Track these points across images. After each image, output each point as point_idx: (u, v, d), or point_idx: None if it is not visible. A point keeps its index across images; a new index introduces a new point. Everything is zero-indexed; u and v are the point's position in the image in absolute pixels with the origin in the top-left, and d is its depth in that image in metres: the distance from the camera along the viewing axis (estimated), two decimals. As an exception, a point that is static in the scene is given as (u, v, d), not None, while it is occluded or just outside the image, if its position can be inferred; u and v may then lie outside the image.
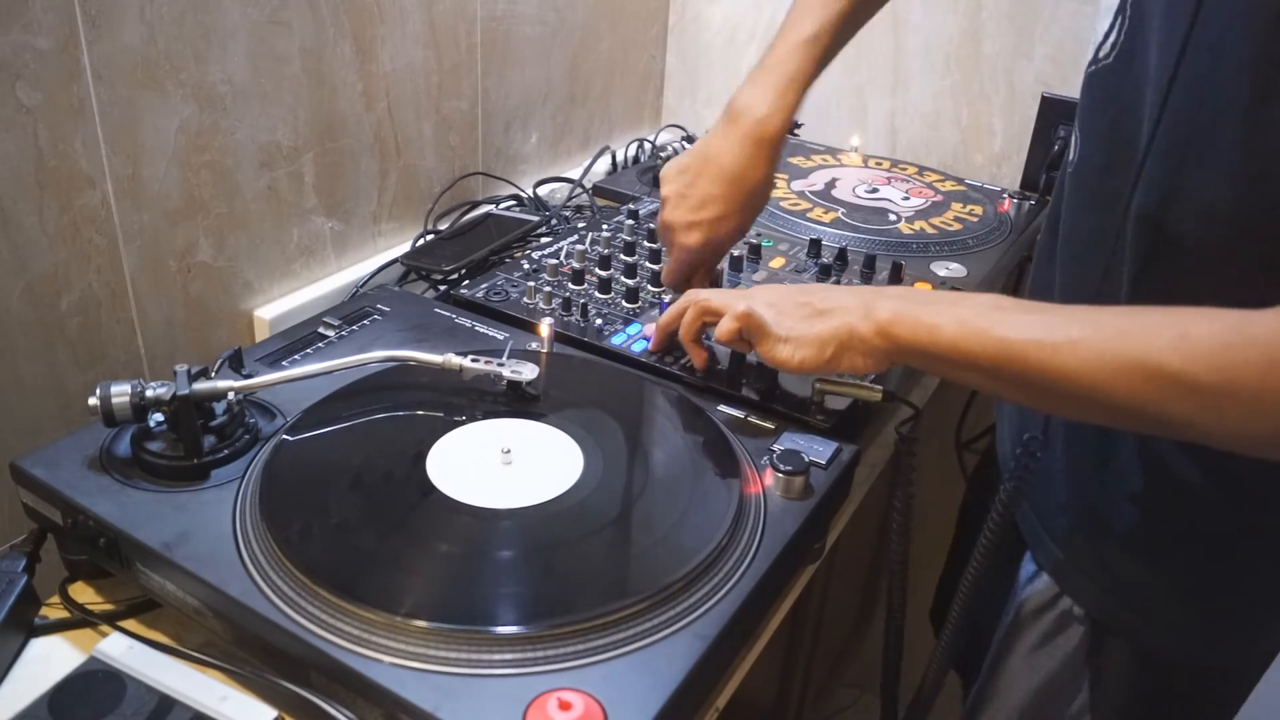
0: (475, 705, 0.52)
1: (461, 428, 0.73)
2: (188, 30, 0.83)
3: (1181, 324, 0.53)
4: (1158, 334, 0.53)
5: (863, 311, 0.68)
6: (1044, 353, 0.57)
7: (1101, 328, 0.56)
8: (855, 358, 0.69)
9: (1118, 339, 0.54)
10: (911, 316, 0.65)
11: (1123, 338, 0.54)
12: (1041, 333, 0.58)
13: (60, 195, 0.78)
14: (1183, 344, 0.52)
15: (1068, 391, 0.57)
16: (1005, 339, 0.59)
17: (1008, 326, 0.59)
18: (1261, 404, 0.49)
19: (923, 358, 0.65)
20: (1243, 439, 0.52)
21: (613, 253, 1.04)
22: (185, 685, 0.60)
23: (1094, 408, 0.57)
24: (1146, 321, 0.54)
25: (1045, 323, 0.58)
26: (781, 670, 1.09)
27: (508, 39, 1.22)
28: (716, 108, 1.61)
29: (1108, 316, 0.57)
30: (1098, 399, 0.55)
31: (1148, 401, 0.53)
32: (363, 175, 1.06)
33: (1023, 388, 0.60)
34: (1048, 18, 1.32)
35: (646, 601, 0.58)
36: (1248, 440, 0.52)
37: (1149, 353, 0.53)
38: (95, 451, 0.69)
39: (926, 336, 0.64)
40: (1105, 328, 0.55)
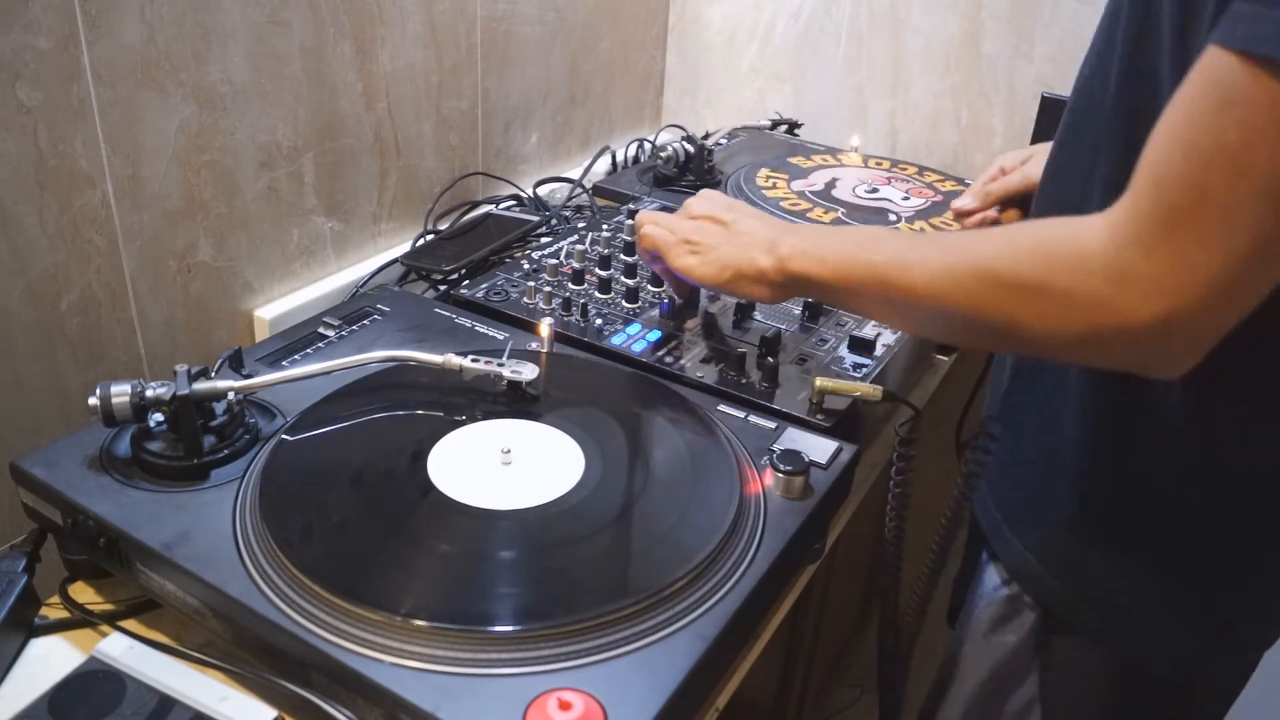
0: (475, 705, 0.52)
1: (461, 428, 0.73)
2: (188, 30, 0.83)
3: (1011, 230, 0.59)
4: (990, 240, 0.58)
5: (767, 245, 0.72)
6: (899, 271, 0.63)
7: (949, 243, 0.61)
8: (752, 287, 0.74)
9: (959, 249, 0.60)
10: (806, 252, 0.70)
11: (963, 248, 0.59)
12: (901, 253, 0.63)
13: (60, 195, 0.78)
14: (1007, 246, 0.57)
15: (921, 305, 0.62)
16: (872, 261, 0.65)
17: (877, 250, 0.65)
18: (1071, 301, 0.53)
19: (814, 289, 0.71)
20: (1058, 341, 0.55)
21: (613, 253, 1.04)
22: (185, 685, 0.60)
23: (945, 320, 0.62)
24: (985, 233, 0.60)
25: (909, 244, 0.64)
26: (781, 670, 1.09)
27: (508, 39, 1.22)
28: (716, 108, 1.63)
29: (960, 236, 0.62)
30: (944, 309, 0.60)
31: (982, 304, 0.58)
32: (363, 175, 1.06)
33: (889, 306, 0.65)
34: (1048, 18, 1.32)
35: (646, 601, 0.58)
36: (1063, 343, 0.55)
37: (979, 257, 0.58)
38: (95, 451, 0.69)
39: (816, 268, 0.69)
40: (952, 242, 0.61)
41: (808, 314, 0.94)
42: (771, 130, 1.51)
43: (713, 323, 0.92)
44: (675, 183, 1.27)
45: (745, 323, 0.92)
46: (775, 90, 1.57)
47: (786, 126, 1.52)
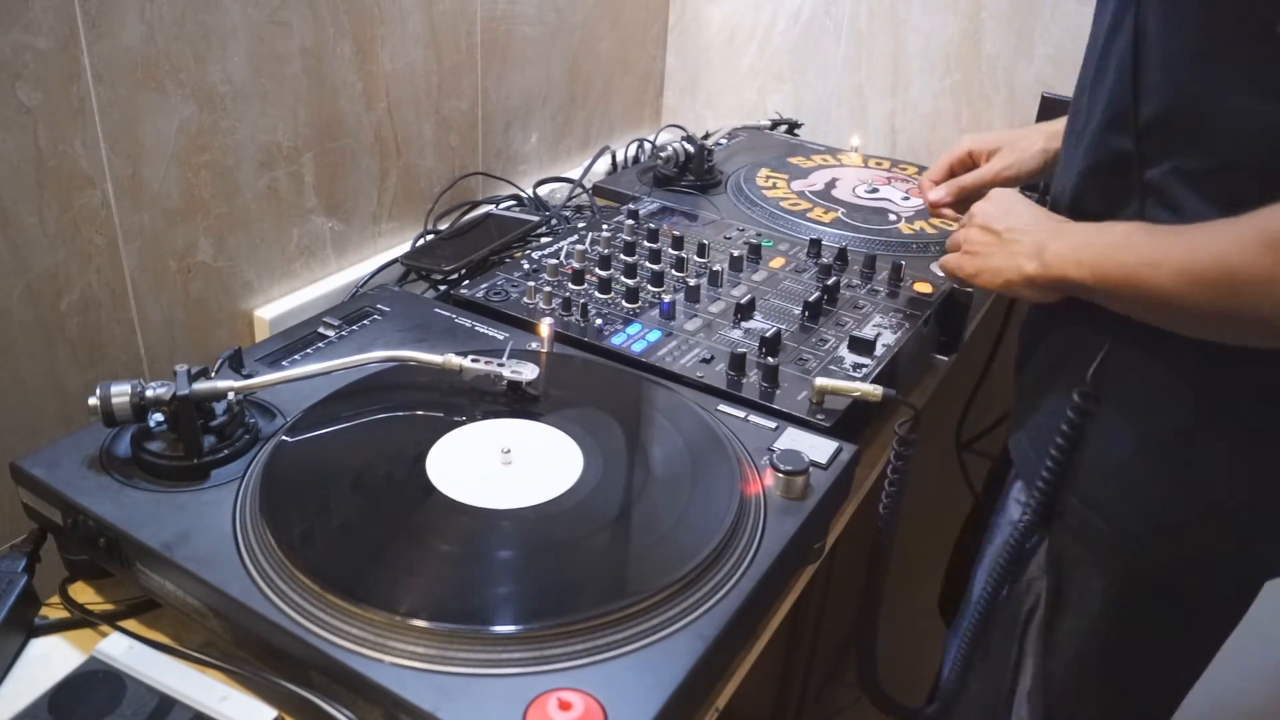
0: (475, 705, 0.52)
1: (461, 428, 0.73)
2: (188, 30, 0.83)
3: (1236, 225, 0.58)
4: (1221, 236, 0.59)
5: (1034, 250, 0.73)
6: (1149, 271, 0.63)
7: (1192, 241, 0.61)
8: (1023, 290, 0.75)
9: (1198, 247, 0.60)
10: (1065, 255, 0.70)
11: (1202, 245, 0.60)
12: (1149, 252, 0.63)
13: (60, 195, 0.78)
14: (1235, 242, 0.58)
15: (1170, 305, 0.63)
16: (1124, 263, 0.65)
17: (1129, 250, 0.65)
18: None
19: (1078, 290, 0.70)
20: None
21: (613, 253, 1.04)
22: (185, 685, 0.60)
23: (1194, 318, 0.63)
24: (1215, 229, 0.60)
25: (1157, 243, 0.64)
26: (781, 670, 1.09)
27: (508, 39, 1.22)
28: (716, 108, 1.63)
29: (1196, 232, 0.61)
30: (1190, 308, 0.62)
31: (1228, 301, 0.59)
32: (363, 175, 1.06)
33: (1145, 307, 0.66)
34: (1048, 18, 1.33)
35: (646, 601, 0.58)
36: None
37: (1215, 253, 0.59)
38: (95, 451, 0.69)
39: (1074, 271, 0.69)
40: (1194, 239, 0.61)
41: (808, 314, 0.94)
42: (771, 130, 1.51)
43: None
44: (675, 183, 1.27)
45: (745, 322, 0.93)
46: (775, 90, 1.57)
47: (786, 126, 1.52)
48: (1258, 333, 0.60)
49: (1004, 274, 0.76)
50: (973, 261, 0.80)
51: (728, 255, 1.04)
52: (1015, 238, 0.76)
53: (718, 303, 0.96)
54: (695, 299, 0.96)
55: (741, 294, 0.97)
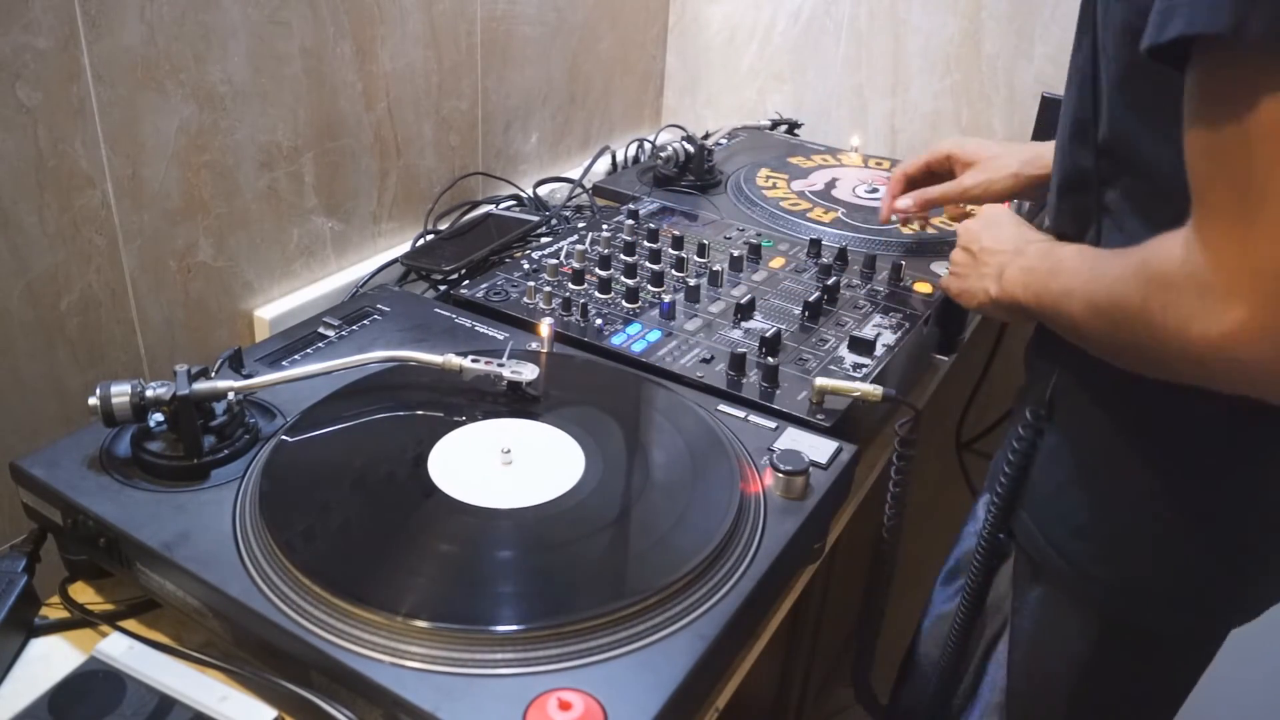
0: (475, 705, 0.52)
1: (462, 428, 0.73)
2: (188, 30, 0.83)
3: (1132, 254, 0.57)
4: (1116, 265, 0.58)
5: (998, 272, 0.73)
6: (1065, 300, 0.63)
7: (1097, 268, 0.60)
8: (995, 312, 0.76)
9: (1097, 276, 0.60)
10: (1016, 279, 0.70)
11: (1099, 276, 0.60)
12: (1069, 281, 0.63)
13: (60, 195, 0.78)
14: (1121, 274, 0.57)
15: (1082, 334, 0.63)
16: (1049, 289, 0.66)
17: (1058, 277, 0.65)
18: (1167, 320, 0.53)
19: (1029, 315, 0.71)
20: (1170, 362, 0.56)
21: (613, 253, 1.04)
22: (185, 685, 0.60)
23: (1100, 347, 0.62)
24: (1117, 257, 0.59)
25: (1078, 270, 0.63)
26: (781, 670, 1.09)
27: (508, 39, 1.22)
28: (716, 108, 1.63)
29: (1105, 260, 0.61)
30: (1094, 337, 0.62)
31: (1113, 332, 0.59)
32: (363, 175, 1.06)
33: (1070, 333, 0.65)
34: (1048, 18, 1.33)
35: (646, 601, 0.58)
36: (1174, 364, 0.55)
37: (1104, 284, 0.59)
38: (95, 451, 0.69)
39: (1021, 294, 0.69)
40: (1100, 267, 0.60)
41: (808, 314, 0.94)
42: (771, 130, 1.51)
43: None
44: (675, 183, 1.27)
45: (745, 322, 0.93)
46: (775, 90, 1.57)
47: (786, 126, 1.52)
48: (1142, 364, 0.59)
49: (977, 295, 0.77)
50: (956, 282, 0.81)
51: (728, 255, 1.04)
52: (985, 259, 0.76)
53: (718, 303, 0.96)
54: (695, 299, 0.96)
55: (741, 294, 0.97)
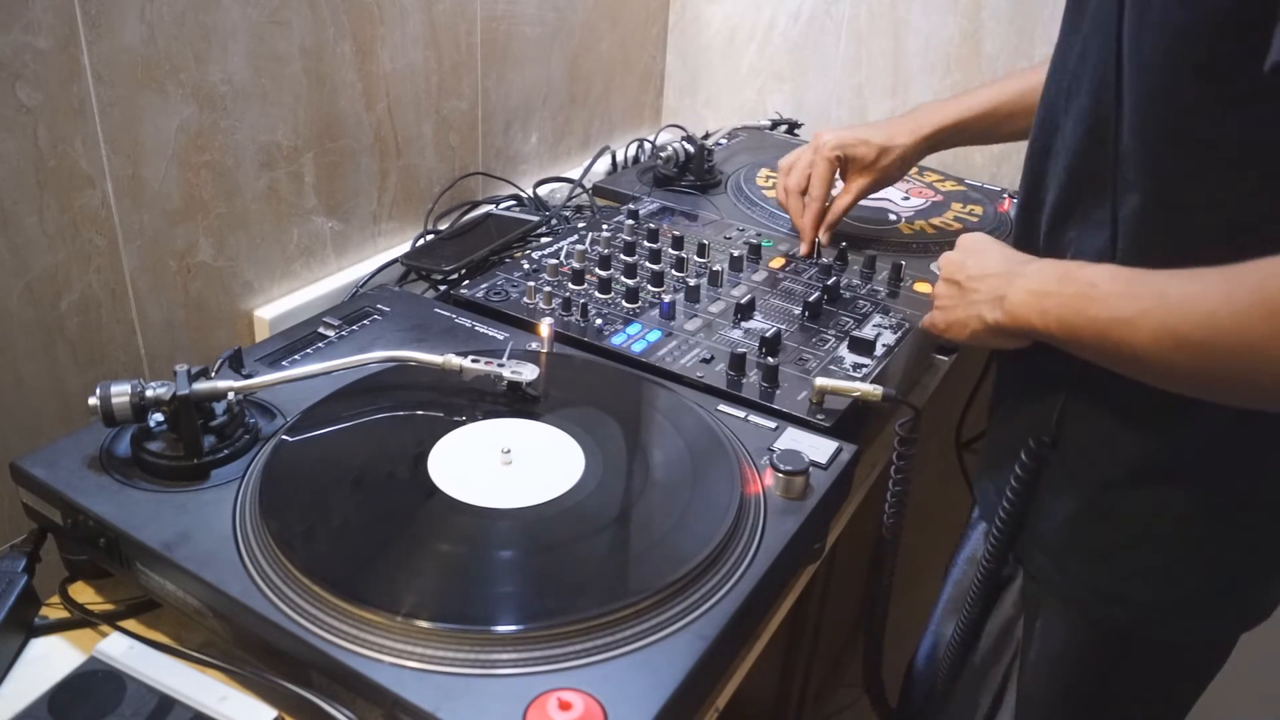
0: (475, 705, 0.52)
1: (462, 428, 0.73)
2: (188, 30, 0.83)
3: (1227, 279, 0.54)
4: (1208, 292, 0.55)
5: (994, 299, 0.70)
6: (1123, 330, 0.59)
7: (1169, 296, 0.56)
8: (993, 339, 0.72)
9: (1180, 305, 0.56)
10: (1028, 303, 0.67)
11: (1184, 303, 0.55)
12: (1121, 309, 0.59)
13: (60, 195, 0.78)
14: (1226, 301, 0.53)
15: (1148, 366, 0.59)
16: (1095, 319, 0.61)
17: (1100, 305, 0.61)
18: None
19: (1044, 339, 0.67)
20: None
21: (613, 253, 1.04)
22: (185, 685, 0.60)
23: (1177, 381, 0.59)
24: (1201, 282, 0.55)
25: (1128, 295, 0.59)
26: (781, 670, 1.09)
27: (508, 39, 1.22)
28: (716, 108, 1.63)
29: (1177, 286, 0.57)
30: (1172, 370, 0.58)
31: (1213, 365, 0.55)
32: (363, 175, 1.06)
33: (1119, 364, 0.62)
34: (1047, 18, 1.32)
35: (647, 601, 0.58)
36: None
37: (1200, 313, 0.54)
38: (95, 451, 0.69)
39: (1039, 321, 0.66)
40: (1172, 294, 0.56)
41: (808, 314, 0.94)
42: (771, 130, 1.51)
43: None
44: (675, 183, 1.27)
45: (745, 322, 0.93)
46: (775, 90, 1.57)
47: (786, 126, 1.52)
48: (1247, 396, 0.57)
49: (969, 325, 0.73)
50: (943, 316, 0.77)
51: (728, 255, 1.04)
52: (974, 286, 0.73)
53: (718, 303, 0.96)
54: (695, 299, 0.96)
55: (741, 294, 0.97)
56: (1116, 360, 0.61)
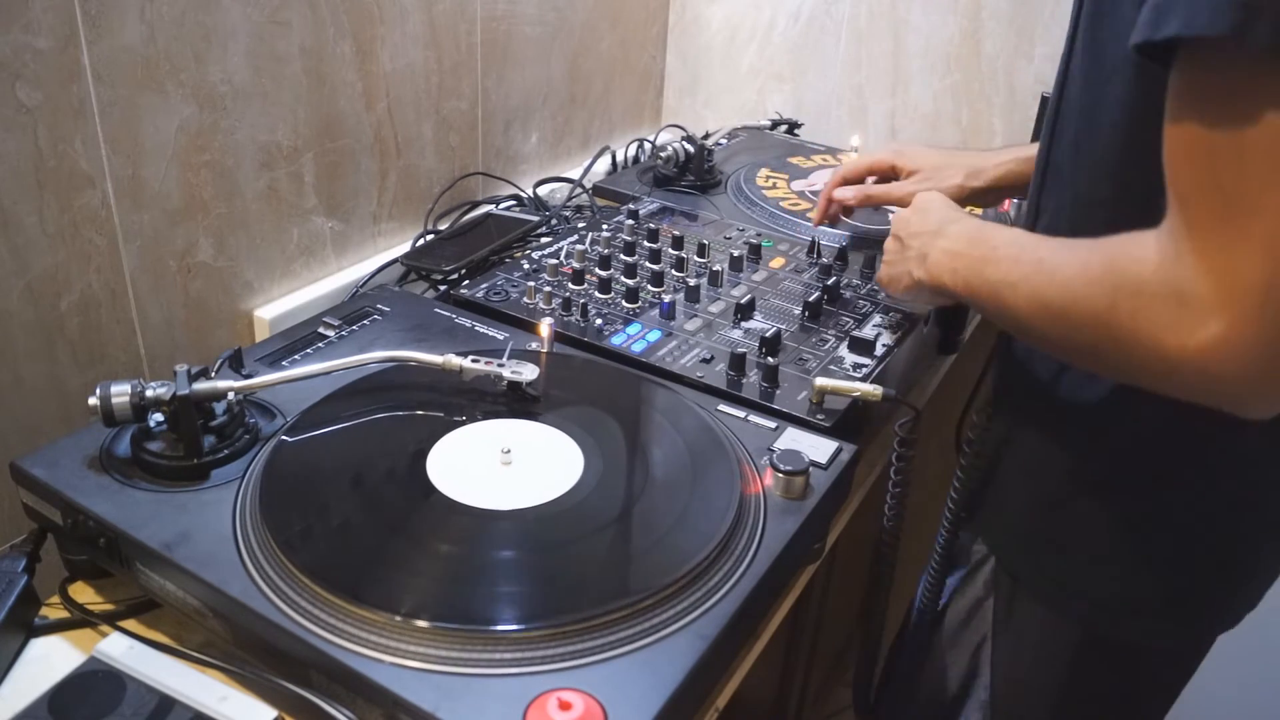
0: (475, 705, 0.52)
1: (461, 428, 0.73)
2: (188, 30, 0.83)
3: (1089, 251, 0.55)
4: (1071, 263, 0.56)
5: (921, 255, 0.72)
6: (1008, 292, 0.61)
7: (1044, 263, 0.58)
8: (921, 295, 0.75)
9: (1049, 272, 0.57)
10: (941, 263, 0.69)
11: (1052, 271, 0.57)
12: (1008, 273, 0.61)
13: (60, 195, 0.78)
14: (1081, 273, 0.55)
15: (1025, 329, 0.61)
16: (988, 279, 0.63)
17: (994, 266, 0.63)
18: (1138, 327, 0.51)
19: (956, 298, 0.69)
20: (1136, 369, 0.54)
21: (613, 253, 1.04)
22: (185, 685, 0.60)
23: (1047, 343, 0.60)
24: (1069, 252, 0.57)
25: (1017, 260, 0.61)
26: (781, 670, 1.09)
27: (508, 39, 1.22)
28: (716, 108, 1.63)
29: (1052, 253, 0.58)
30: (1042, 334, 0.59)
31: (1069, 332, 0.56)
32: (363, 175, 1.06)
33: (1006, 325, 0.64)
34: (1048, 18, 1.32)
35: (647, 601, 0.58)
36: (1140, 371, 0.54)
37: (1059, 282, 0.56)
38: (95, 451, 0.68)
39: (949, 279, 0.68)
40: (1047, 261, 0.58)
41: (808, 314, 0.94)
42: (771, 130, 1.51)
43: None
44: (675, 183, 1.27)
45: (745, 322, 0.93)
46: (775, 90, 1.57)
47: (786, 126, 1.52)
48: (1100, 366, 0.58)
49: (901, 280, 0.75)
50: (886, 270, 0.79)
51: (728, 255, 1.04)
52: (910, 242, 0.75)
53: (718, 303, 0.96)
54: (695, 299, 0.96)
55: (741, 294, 0.97)
56: (1004, 323, 0.64)
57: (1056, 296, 0.56)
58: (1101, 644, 0.74)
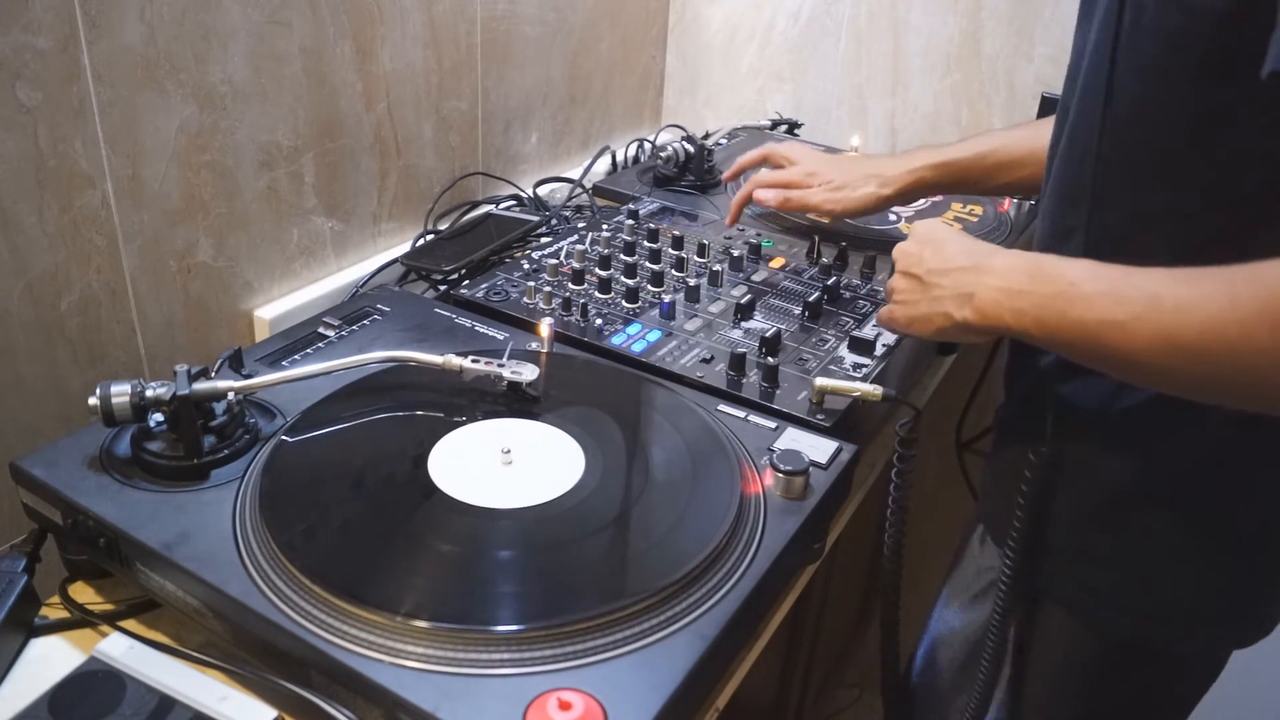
0: (475, 705, 0.52)
1: (462, 428, 0.73)
2: (188, 30, 0.83)
3: (1229, 282, 0.53)
4: (1211, 295, 0.53)
5: (961, 297, 0.68)
6: (1115, 333, 0.57)
7: (1162, 298, 0.55)
8: (961, 336, 0.71)
9: (1179, 309, 0.54)
10: (1001, 303, 0.65)
11: (1184, 307, 0.54)
12: (1111, 312, 0.57)
13: (60, 195, 0.78)
14: (1230, 307, 0.52)
15: (1144, 370, 0.57)
16: (1082, 321, 0.59)
17: (1084, 307, 0.59)
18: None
19: (1020, 337, 0.65)
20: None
21: (613, 253, 1.04)
22: (185, 685, 0.60)
23: (1176, 385, 0.57)
24: (1200, 283, 0.54)
25: (1116, 298, 0.57)
26: (781, 670, 1.09)
27: (508, 39, 1.22)
28: (716, 108, 1.63)
29: (1172, 285, 0.55)
30: (1173, 376, 0.56)
31: (1220, 371, 0.53)
32: (363, 175, 1.06)
33: (1107, 366, 0.61)
34: (1048, 18, 1.32)
35: (647, 601, 0.58)
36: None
37: (1203, 318, 0.53)
38: (95, 451, 0.69)
39: (1014, 321, 0.64)
40: (1166, 297, 0.55)
41: (808, 314, 0.94)
42: (771, 130, 1.51)
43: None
44: (675, 183, 1.27)
45: (745, 322, 0.93)
46: (775, 90, 1.57)
47: (786, 126, 1.52)
48: (1250, 400, 0.56)
49: (934, 322, 0.70)
50: (903, 311, 0.74)
51: (728, 255, 1.04)
52: (937, 280, 0.70)
53: (718, 303, 0.96)
54: (695, 299, 0.96)
55: (741, 294, 0.97)
56: (1106, 363, 0.60)
57: (1197, 336, 0.53)
58: (1128, 653, 0.73)
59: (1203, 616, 0.71)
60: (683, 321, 0.93)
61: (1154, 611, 0.71)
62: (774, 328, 0.88)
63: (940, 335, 0.71)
